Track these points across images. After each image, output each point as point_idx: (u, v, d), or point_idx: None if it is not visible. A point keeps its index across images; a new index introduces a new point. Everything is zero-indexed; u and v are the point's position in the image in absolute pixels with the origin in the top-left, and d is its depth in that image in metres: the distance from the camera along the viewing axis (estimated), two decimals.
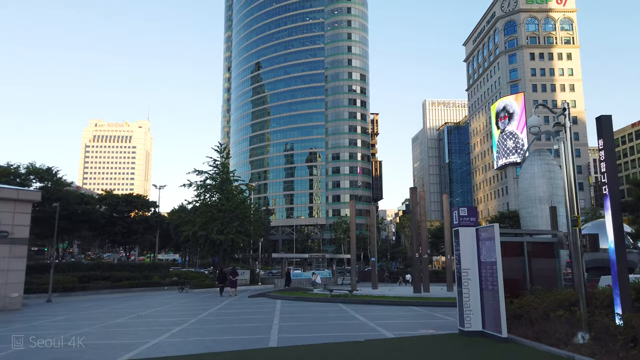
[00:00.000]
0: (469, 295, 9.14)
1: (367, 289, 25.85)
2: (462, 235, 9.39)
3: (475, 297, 9.16)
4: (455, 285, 23.07)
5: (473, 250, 9.33)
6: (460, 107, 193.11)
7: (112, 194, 57.65)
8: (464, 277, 9.23)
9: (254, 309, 16.52)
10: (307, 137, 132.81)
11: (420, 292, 20.77)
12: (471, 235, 9.39)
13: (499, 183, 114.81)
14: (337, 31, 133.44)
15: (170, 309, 18.44)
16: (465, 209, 9.57)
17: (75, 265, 42.87)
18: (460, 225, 9.51)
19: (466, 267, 9.24)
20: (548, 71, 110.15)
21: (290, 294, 21.81)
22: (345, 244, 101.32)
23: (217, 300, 23.46)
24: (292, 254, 57.55)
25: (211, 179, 40.15)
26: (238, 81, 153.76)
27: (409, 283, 40.58)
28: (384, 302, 16.98)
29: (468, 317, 9.09)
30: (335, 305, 16.77)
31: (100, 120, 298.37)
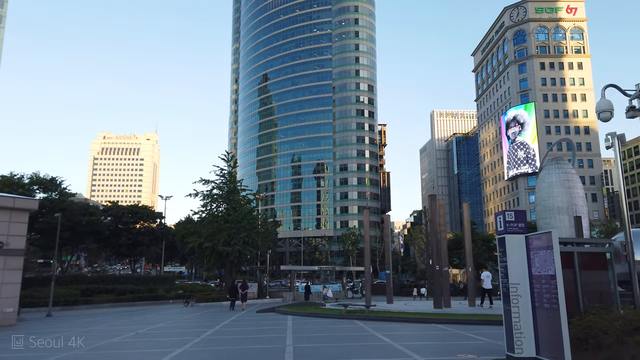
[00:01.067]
0: (519, 314, 7.76)
1: (382, 303, 24.34)
2: (510, 244, 8.02)
3: (526, 317, 7.76)
4: (479, 300, 21.75)
5: (523, 261, 7.96)
6: (469, 118, 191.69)
7: (117, 205, 56.63)
8: (512, 294, 7.85)
9: (263, 327, 15.10)
10: (314, 148, 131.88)
11: (441, 308, 19.26)
12: (520, 244, 8.02)
13: (509, 194, 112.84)
14: (345, 42, 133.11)
15: (173, 325, 17.07)
16: (512, 213, 8.22)
17: (78, 277, 41.68)
18: (507, 232, 8.14)
19: (515, 281, 7.87)
20: (559, 81, 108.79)
21: (302, 309, 20.35)
22: (353, 256, 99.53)
23: (223, 316, 22.04)
24: (301, 267, 56.03)
25: (218, 188, 38.97)
26: (245, 92, 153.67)
27: (424, 297, 38.99)
28: (405, 318, 15.53)
29: (519, 341, 7.69)
30: (351, 323, 15.34)
31: (108, 133, 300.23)
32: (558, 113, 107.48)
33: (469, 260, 22.14)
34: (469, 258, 22.25)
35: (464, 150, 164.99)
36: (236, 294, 28.09)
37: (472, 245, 50.23)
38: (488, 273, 22.18)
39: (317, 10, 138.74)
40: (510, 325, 7.86)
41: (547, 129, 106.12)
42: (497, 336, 11.94)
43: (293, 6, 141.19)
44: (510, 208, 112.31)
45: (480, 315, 16.22)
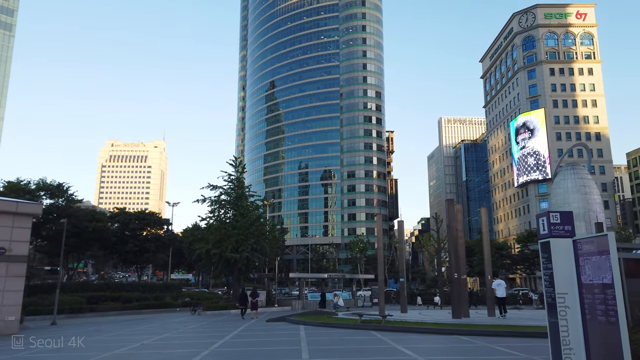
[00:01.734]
0: (567, 328, 6.91)
1: (395, 312, 23.41)
2: (555, 249, 7.20)
3: (576, 330, 6.91)
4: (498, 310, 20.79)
5: (570, 268, 7.13)
6: (477, 125, 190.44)
7: (124, 211, 56.16)
8: (559, 305, 7.01)
9: (275, 338, 14.27)
10: (322, 155, 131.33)
11: (460, 317, 18.31)
12: (567, 248, 7.19)
13: (519, 201, 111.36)
14: (352, 49, 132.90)
15: (180, 335, 16.25)
16: (557, 214, 7.40)
17: (84, 285, 41.05)
18: (552, 235, 7.31)
19: (562, 290, 7.04)
20: (569, 86, 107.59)
21: (314, 318, 19.46)
22: (362, 263, 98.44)
23: (232, 325, 21.23)
24: (310, 274, 55.10)
25: (226, 194, 38.28)
26: (253, 99, 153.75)
27: (438, 306, 37.95)
28: (425, 329, 14.64)
29: (568, 358, 6.85)
30: (368, 334, 14.47)
31: (116, 141, 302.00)
32: (568, 119, 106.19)
33: (487, 268, 21.17)
34: (487, 266, 21.28)
35: (473, 157, 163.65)
36: (246, 302, 27.39)
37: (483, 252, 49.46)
38: (500, 281, 21.17)
39: (324, 18, 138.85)
40: (557, 340, 7.01)
41: (558, 135, 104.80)
42: (531, 350, 11.07)
43: (300, 13, 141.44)
44: (520, 215, 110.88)
45: (504, 326, 15.30)
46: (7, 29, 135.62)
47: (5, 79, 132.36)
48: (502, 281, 21.13)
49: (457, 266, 18.50)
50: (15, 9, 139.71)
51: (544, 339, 13.25)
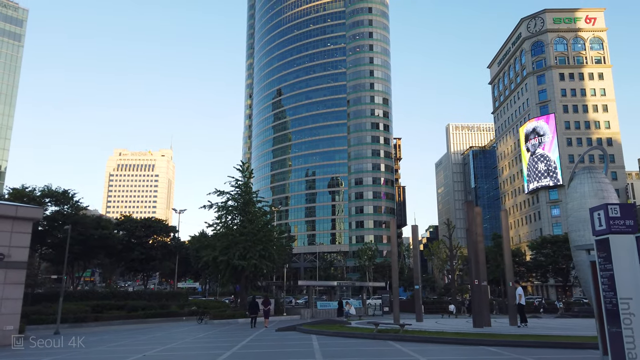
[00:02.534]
0: (633, 339, 5.93)
1: (410, 321, 22.32)
2: (616, 247, 6.22)
3: None
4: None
5: (635, 269, 6.15)
6: (485, 131, 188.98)
7: (130, 219, 55.46)
8: (622, 312, 6.02)
9: (286, 349, 13.25)
10: (329, 162, 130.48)
11: (481, 327, 17.20)
12: (630, 246, 6.22)
13: (530, 208, 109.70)
14: (359, 55, 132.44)
15: (185, 346, 15.29)
16: (616, 207, 6.44)
17: (89, 293, 40.27)
18: (612, 231, 6.35)
19: (626, 295, 6.06)
20: (579, 91, 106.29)
21: (327, 327, 18.42)
22: (370, 271, 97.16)
23: (241, 335, 20.25)
24: (320, 282, 54.02)
25: (233, 200, 37.43)
26: (259, 107, 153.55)
27: (453, 314, 36.73)
28: (447, 340, 13.57)
29: None
30: (386, 344, 13.43)
31: (124, 150, 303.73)
32: (579, 124, 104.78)
33: (509, 274, 19.99)
34: (509, 272, 20.11)
35: (481, 164, 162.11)
36: (257, 311, 26.66)
37: (498, 259, 48.12)
38: (521, 289, 19.97)
39: (330, 25, 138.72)
40: (620, 352, 6.02)
41: (568, 140, 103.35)
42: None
43: (307, 21, 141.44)
44: (531, 222, 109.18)
45: (533, 336, 14.17)
46: (16, 39, 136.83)
47: (14, 88, 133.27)
48: (521, 288, 19.96)
49: (477, 272, 17.43)
50: (24, 19, 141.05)
51: (578, 350, 12.18)
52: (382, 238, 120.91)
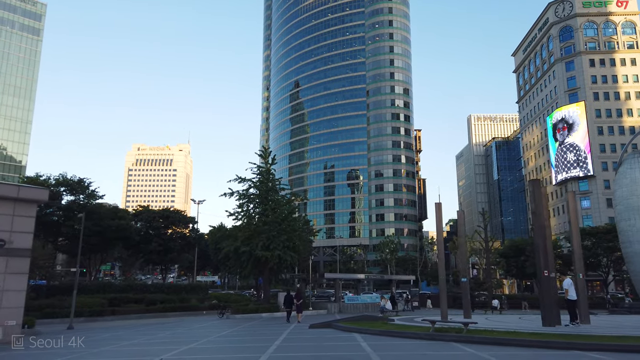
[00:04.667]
0: None
1: (457, 317, 19.90)
2: None
3: None
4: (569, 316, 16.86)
5: None
6: (509, 122, 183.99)
7: (148, 209, 53.90)
8: None
9: (333, 352, 10.78)
10: (348, 154, 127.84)
11: (553, 325, 14.69)
12: None
13: (558, 200, 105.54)
14: (379, 44, 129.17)
15: (209, 346, 13.03)
16: None
17: (105, 286, 38.66)
18: None
19: None
20: (610, 78, 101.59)
21: (369, 325, 16.06)
22: (392, 265, 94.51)
23: (270, 332, 18.06)
24: (347, 275, 51.87)
25: (255, 187, 35.27)
26: (277, 99, 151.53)
27: (497, 310, 34.14)
28: (527, 343, 11.01)
29: None
30: (453, 348, 10.97)
31: (142, 145, 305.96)
32: (610, 112, 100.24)
33: (578, 264, 17.22)
34: (578, 261, 17.36)
35: (504, 156, 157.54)
36: (292, 305, 25.43)
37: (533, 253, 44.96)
38: (570, 281, 16.64)
39: (349, 14, 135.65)
40: None
41: (599, 129, 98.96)
42: None
43: (325, 10, 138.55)
44: (559, 214, 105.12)
45: (632, 337, 11.60)
46: (35, 34, 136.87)
47: (34, 83, 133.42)
48: (571, 281, 16.74)
49: (545, 262, 14.89)
50: (43, 13, 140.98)
51: None
52: (403, 231, 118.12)
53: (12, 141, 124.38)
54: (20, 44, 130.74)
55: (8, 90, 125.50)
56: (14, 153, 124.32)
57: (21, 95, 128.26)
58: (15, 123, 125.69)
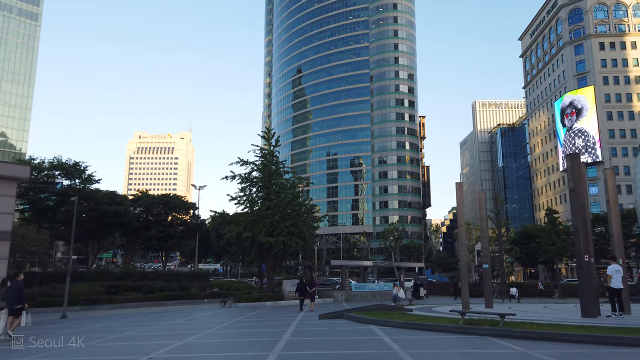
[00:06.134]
0: None
1: (478, 307, 18.32)
2: None
3: None
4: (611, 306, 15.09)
5: None
6: (514, 108, 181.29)
7: (147, 194, 52.29)
8: None
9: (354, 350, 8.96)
10: (351, 141, 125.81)
11: (595, 317, 13.05)
12: None
13: (565, 186, 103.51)
14: (383, 29, 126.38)
15: (209, 341, 11.31)
16: None
17: (102, 273, 37.19)
18: None
19: None
20: (620, 62, 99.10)
21: (386, 315, 14.38)
22: (396, 252, 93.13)
23: (276, 323, 16.48)
24: (354, 262, 50.39)
25: (258, 170, 33.55)
26: (279, 85, 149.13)
27: (515, 299, 32.58)
28: (582, 338, 9.22)
29: None
30: (497, 345, 9.09)
31: (144, 133, 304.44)
32: (620, 97, 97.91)
33: (617, 249, 15.45)
34: (618, 246, 15.59)
35: (509, 142, 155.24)
36: (305, 293, 24.39)
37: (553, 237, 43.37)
38: (618, 267, 14.18)
39: None
40: None
41: (609, 114, 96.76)
42: None
43: None
44: (566, 201, 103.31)
45: None
46: (33, 19, 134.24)
47: (32, 69, 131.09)
48: (619, 267, 14.41)
49: (586, 245, 13.20)
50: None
51: None
52: (407, 219, 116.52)
53: (11, 128, 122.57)
54: (19, 30, 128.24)
55: (7, 76, 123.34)
56: (13, 140, 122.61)
57: (20, 82, 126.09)
58: (14, 110, 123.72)
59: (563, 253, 44.43)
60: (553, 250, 41.92)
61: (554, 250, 41.74)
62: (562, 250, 42.11)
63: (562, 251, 42.73)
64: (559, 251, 41.92)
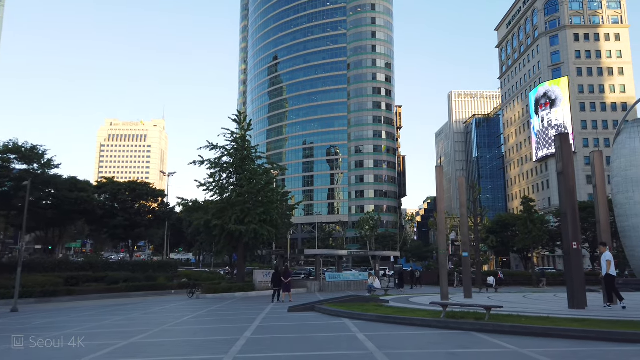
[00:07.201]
0: None
1: (457, 297, 17.37)
2: None
3: None
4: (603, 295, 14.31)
5: None
6: (489, 99, 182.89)
7: (112, 181, 49.89)
8: None
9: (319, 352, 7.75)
10: (328, 129, 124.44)
11: (582, 308, 12.13)
12: None
13: (538, 176, 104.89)
14: (360, 16, 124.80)
15: (156, 340, 9.68)
16: None
17: (62, 263, 35.09)
18: None
19: None
20: (594, 53, 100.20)
21: (361, 308, 13.19)
22: (372, 242, 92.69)
23: (241, 317, 15.15)
24: (328, 250, 49.37)
25: (228, 155, 31.88)
26: (254, 72, 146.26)
27: (492, 288, 32.00)
28: (579, 334, 8.22)
29: None
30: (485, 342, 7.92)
31: (115, 120, 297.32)
32: (593, 88, 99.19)
33: (605, 237, 14.58)
34: (604, 233, 14.73)
35: (484, 133, 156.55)
36: (280, 283, 23.41)
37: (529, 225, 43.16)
38: (606, 253, 13.24)
39: None
40: None
41: (582, 105, 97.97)
42: None
43: None
44: (539, 191, 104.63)
45: None
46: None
47: None
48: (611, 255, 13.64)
49: (574, 232, 12.26)
50: None
51: None
52: (383, 208, 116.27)
53: None
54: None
55: None
56: None
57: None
58: None
59: (538, 241, 44.38)
60: (529, 238, 41.73)
61: (530, 238, 41.55)
62: (538, 238, 41.98)
63: (538, 240, 42.61)
64: (535, 240, 41.78)
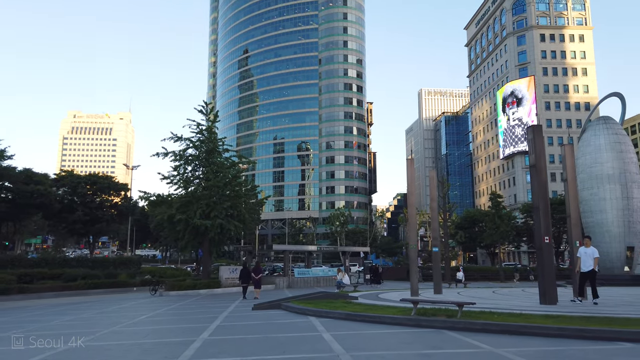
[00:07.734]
0: None
1: (427, 292, 17.00)
2: None
3: None
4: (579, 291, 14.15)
5: None
6: (459, 97, 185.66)
7: (72, 174, 47.66)
8: None
9: (280, 356, 7.02)
10: (299, 125, 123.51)
11: (554, 303, 11.84)
12: None
13: (505, 173, 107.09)
14: (332, 10, 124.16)
15: (99, 344, 8.69)
16: None
17: (15, 260, 33.17)
18: None
19: None
20: (559, 54, 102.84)
21: (328, 305, 12.53)
22: (342, 238, 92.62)
23: (201, 316, 14.29)
24: (297, 246, 48.61)
25: (194, 147, 30.72)
26: (224, 65, 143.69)
27: (461, 283, 31.97)
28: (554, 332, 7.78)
29: None
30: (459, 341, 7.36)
31: (79, 112, 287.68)
32: (558, 88, 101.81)
33: (574, 230, 14.38)
34: (575, 227, 14.50)
35: (453, 130, 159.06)
36: (249, 280, 22.81)
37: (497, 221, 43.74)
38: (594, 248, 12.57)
39: None
40: None
41: (547, 104, 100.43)
42: None
43: None
44: (505, 188, 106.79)
45: None
46: None
47: None
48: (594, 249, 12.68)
49: (546, 226, 11.97)
50: None
51: None
52: (353, 204, 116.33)
53: None
54: None
55: None
56: None
57: None
58: None
59: (506, 237, 44.96)
60: (497, 234, 42.17)
61: (498, 234, 42.01)
62: (505, 234, 42.49)
63: (505, 235, 43.14)
64: (502, 235, 42.27)
